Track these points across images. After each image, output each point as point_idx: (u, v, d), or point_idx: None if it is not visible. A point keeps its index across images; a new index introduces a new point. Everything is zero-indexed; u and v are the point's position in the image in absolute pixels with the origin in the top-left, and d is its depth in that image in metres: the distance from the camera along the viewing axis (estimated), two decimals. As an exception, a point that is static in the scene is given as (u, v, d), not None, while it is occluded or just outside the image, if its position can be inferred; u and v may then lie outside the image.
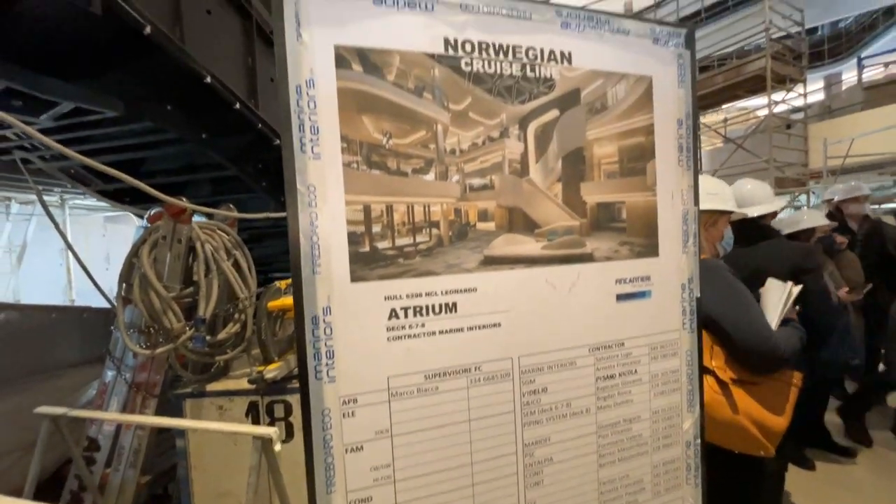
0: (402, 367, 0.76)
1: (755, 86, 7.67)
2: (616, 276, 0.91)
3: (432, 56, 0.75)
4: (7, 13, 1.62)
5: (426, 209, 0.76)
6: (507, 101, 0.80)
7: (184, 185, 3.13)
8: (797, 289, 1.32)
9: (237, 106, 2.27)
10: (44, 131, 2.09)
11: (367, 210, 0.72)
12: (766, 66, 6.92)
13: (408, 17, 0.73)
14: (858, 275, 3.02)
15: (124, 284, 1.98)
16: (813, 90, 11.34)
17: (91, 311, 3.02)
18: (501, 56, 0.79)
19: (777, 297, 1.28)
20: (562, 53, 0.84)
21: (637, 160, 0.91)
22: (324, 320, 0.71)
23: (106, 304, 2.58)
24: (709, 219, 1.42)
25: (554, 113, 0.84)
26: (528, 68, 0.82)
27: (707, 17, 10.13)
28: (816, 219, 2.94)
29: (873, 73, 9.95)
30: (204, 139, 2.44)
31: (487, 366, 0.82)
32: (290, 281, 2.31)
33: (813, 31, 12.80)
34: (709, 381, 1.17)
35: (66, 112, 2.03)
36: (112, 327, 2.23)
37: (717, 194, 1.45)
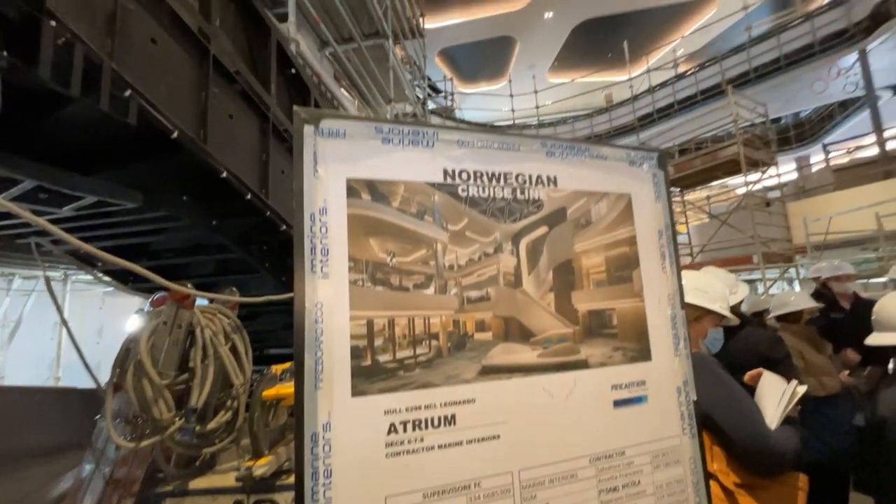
0: (400, 486, 0.75)
1: (731, 168, 8.25)
2: (612, 382, 0.93)
3: (433, 184, 0.85)
4: (45, 118, 1.80)
5: (426, 322, 0.80)
6: (500, 220, 0.89)
7: (188, 266, 3.20)
8: (802, 388, 1.30)
9: (249, 196, 2.42)
10: (60, 219, 2.20)
11: (370, 324, 0.77)
12: (739, 152, 7.49)
13: (412, 154, 0.84)
14: (855, 356, 2.99)
15: (118, 370, 1.95)
16: (786, 171, 12.12)
17: (75, 394, 2.91)
18: (494, 182, 0.89)
19: (776, 395, 1.27)
20: (548, 177, 0.94)
21: (623, 269, 0.98)
22: (323, 437, 0.72)
23: (92, 384, 2.51)
24: (692, 314, 1.40)
25: (543, 229, 0.92)
26: (518, 191, 0.92)
27: (680, 109, 11.18)
28: (804, 301, 2.98)
29: (840, 156, 10.75)
30: (214, 225, 2.56)
31: (487, 481, 0.80)
32: (286, 366, 2.27)
33: (777, 120, 14.05)
34: (713, 487, 1.13)
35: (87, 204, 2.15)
36: (98, 416, 2.14)
37: (706, 292, 1.47)
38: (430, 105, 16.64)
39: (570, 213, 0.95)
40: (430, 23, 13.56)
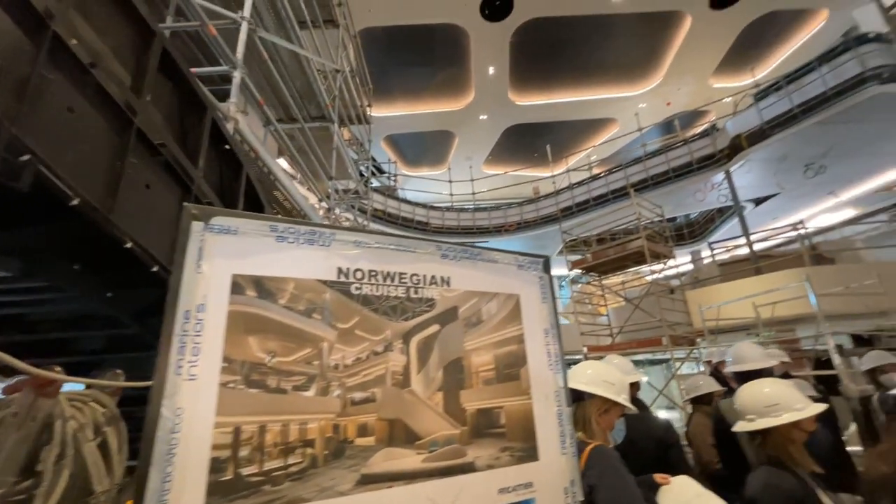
0: None
1: (639, 258, 9.33)
2: (499, 486, 0.92)
3: (325, 282, 0.87)
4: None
5: (302, 427, 0.77)
6: (392, 318, 0.92)
7: (71, 341, 2.77)
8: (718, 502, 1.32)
9: (155, 269, 2.25)
10: None
11: (237, 432, 0.71)
12: (644, 245, 8.55)
13: (306, 252, 0.87)
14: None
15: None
16: (683, 262, 13.92)
17: None
18: (389, 281, 0.94)
19: (686, 498, 1.30)
20: (442, 278, 1.01)
21: (512, 366, 1.03)
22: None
23: None
24: (601, 405, 1.45)
25: (435, 327, 0.97)
26: (412, 291, 0.97)
27: (594, 205, 12.74)
28: (711, 384, 3.28)
29: (721, 253, 12.67)
30: (109, 297, 2.30)
31: None
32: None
33: (674, 219, 16.44)
34: None
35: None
36: None
37: (612, 384, 1.55)
38: (375, 183, 17.34)
39: (461, 312, 1.01)
40: (378, 112, 14.67)
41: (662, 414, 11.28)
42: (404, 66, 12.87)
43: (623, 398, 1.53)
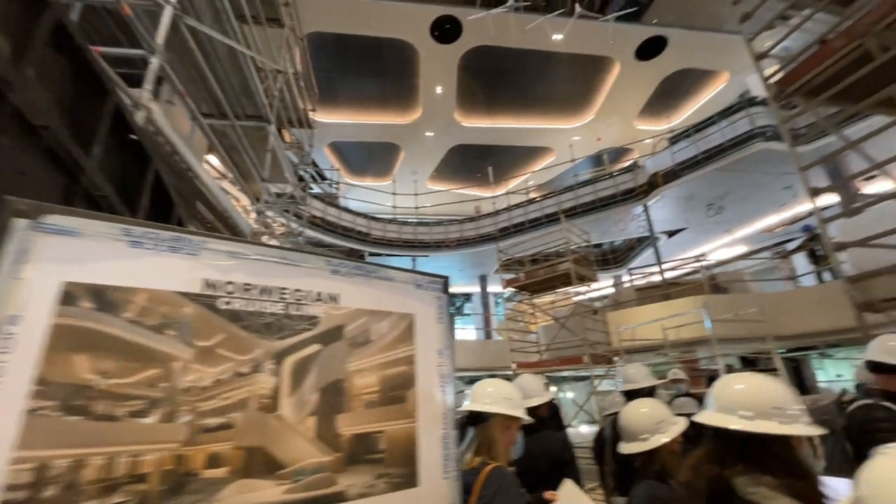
0: None
1: (566, 280, 9.90)
2: (371, 515, 0.88)
3: (186, 295, 0.79)
4: None
5: (134, 460, 0.67)
6: (264, 336, 0.86)
7: None
8: None
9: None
10: None
11: (41, 469, 0.61)
12: (571, 268, 9.10)
13: (168, 260, 0.78)
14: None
15: None
16: (606, 286, 15.01)
17: None
18: (266, 296, 0.88)
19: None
20: (329, 294, 0.97)
21: (398, 388, 1.01)
22: None
23: None
24: (503, 422, 1.46)
25: (315, 347, 0.92)
26: (292, 307, 0.91)
27: (530, 227, 13.38)
28: (619, 403, 3.52)
29: (639, 278, 13.89)
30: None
31: None
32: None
33: (600, 245, 17.73)
34: None
35: None
36: None
37: (511, 400, 1.59)
38: (316, 190, 16.71)
39: (347, 330, 0.97)
40: (324, 117, 14.29)
41: (584, 429, 11.87)
42: (353, 75, 12.74)
43: (521, 412, 1.57)
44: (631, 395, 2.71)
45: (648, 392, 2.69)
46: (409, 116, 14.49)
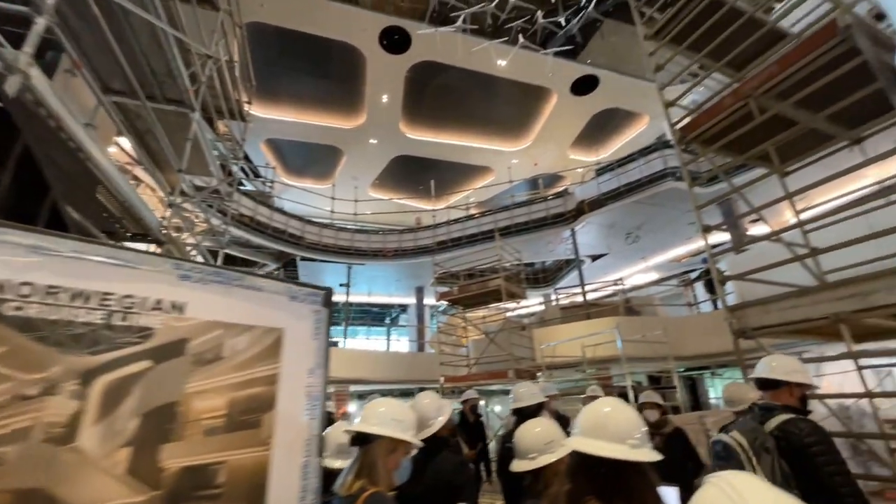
0: None
1: (498, 296, 10.18)
2: (196, 563, 0.76)
3: (-48, 297, 0.63)
4: None
5: None
6: (69, 351, 0.71)
7: None
8: None
9: None
10: None
11: None
12: (502, 285, 9.36)
13: (-71, 252, 0.62)
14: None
15: None
16: (535, 304, 15.68)
17: None
18: (79, 302, 0.74)
19: None
20: (173, 303, 0.85)
21: (251, 412, 0.90)
22: None
23: None
24: (389, 445, 1.37)
25: (143, 364, 0.78)
26: (117, 317, 0.77)
27: (467, 242, 13.64)
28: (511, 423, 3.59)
29: (564, 298, 14.71)
30: None
31: None
32: None
33: (532, 264, 18.54)
34: None
35: None
36: None
37: (401, 421, 1.46)
38: (249, 187, 15.61)
39: (192, 346, 0.85)
40: (263, 112, 13.50)
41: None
42: (298, 73, 12.24)
43: (409, 435, 1.49)
44: (519, 413, 2.75)
45: (535, 410, 2.74)
46: (354, 121, 14.21)
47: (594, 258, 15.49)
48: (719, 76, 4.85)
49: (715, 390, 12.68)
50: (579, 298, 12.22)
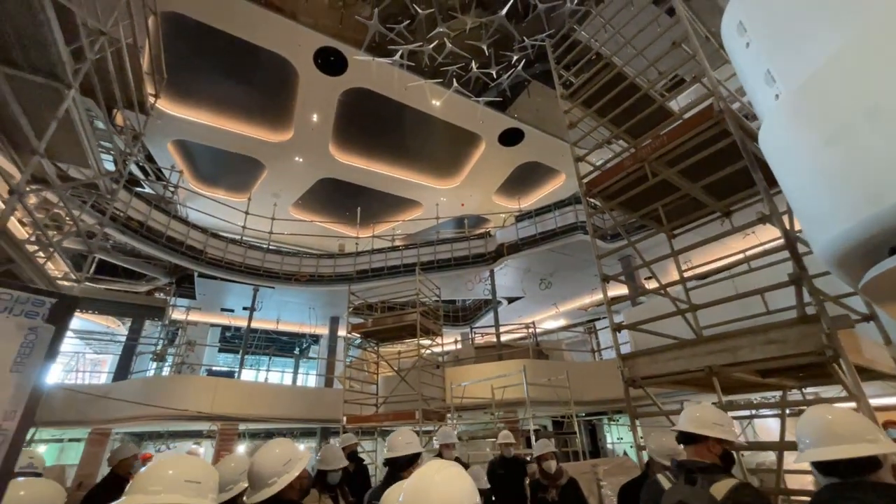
0: None
1: (413, 331, 9.80)
2: None
3: None
4: None
5: None
6: None
7: None
8: None
9: None
10: None
11: None
12: (417, 320, 9.05)
13: None
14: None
15: None
16: (449, 342, 15.53)
17: None
18: None
19: None
20: None
21: None
22: None
23: None
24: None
25: None
26: None
27: (388, 273, 13.26)
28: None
29: (478, 337, 14.80)
30: None
31: None
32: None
33: (454, 301, 18.57)
34: None
35: None
36: None
37: (198, 484, 1.13)
38: (148, 190, 13.71)
39: None
40: (173, 110, 12.21)
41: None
42: (219, 75, 11.37)
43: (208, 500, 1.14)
44: (392, 464, 2.43)
45: (409, 461, 2.45)
46: (279, 136, 13.47)
47: (510, 300, 15.97)
48: (622, 140, 5.36)
49: (611, 435, 13.33)
50: (493, 338, 12.34)
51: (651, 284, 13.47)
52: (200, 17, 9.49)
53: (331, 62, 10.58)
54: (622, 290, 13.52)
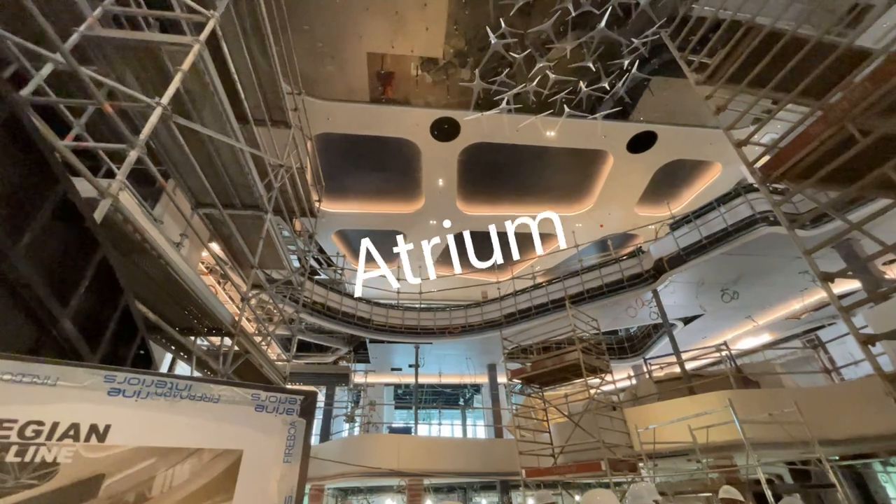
0: None
1: (577, 371, 9.07)
2: None
3: None
4: None
5: None
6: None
7: None
8: None
9: None
10: None
11: None
12: (580, 358, 8.40)
13: None
14: None
15: None
16: (622, 378, 13.85)
17: None
18: (-39, 436, 0.59)
19: None
20: (93, 427, 0.68)
21: (180, 581, 0.65)
22: None
23: None
24: None
25: (30, 518, 0.60)
26: (11, 451, 0.61)
27: (536, 313, 12.88)
28: None
29: (657, 370, 12.79)
30: None
31: None
32: None
33: (616, 332, 16.85)
34: None
35: None
36: None
37: None
38: (324, 276, 16.84)
39: (110, 485, 0.65)
40: (332, 208, 14.96)
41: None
42: (361, 170, 13.60)
43: None
44: None
45: None
46: (413, 206, 15.08)
47: (686, 321, 13.66)
48: (792, 108, 4.33)
49: (893, 486, 9.56)
50: (676, 369, 10.51)
51: (894, 271, 9.94)
52: (340, 130, 11.68)
53: (445, 130, 11.63)
54: (848, 285, 10.28)
